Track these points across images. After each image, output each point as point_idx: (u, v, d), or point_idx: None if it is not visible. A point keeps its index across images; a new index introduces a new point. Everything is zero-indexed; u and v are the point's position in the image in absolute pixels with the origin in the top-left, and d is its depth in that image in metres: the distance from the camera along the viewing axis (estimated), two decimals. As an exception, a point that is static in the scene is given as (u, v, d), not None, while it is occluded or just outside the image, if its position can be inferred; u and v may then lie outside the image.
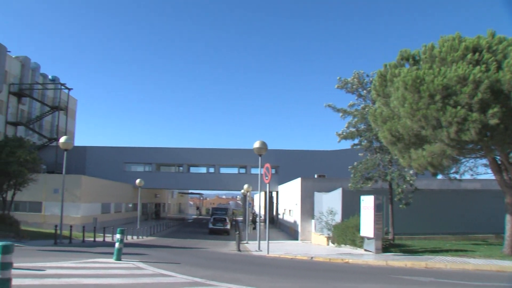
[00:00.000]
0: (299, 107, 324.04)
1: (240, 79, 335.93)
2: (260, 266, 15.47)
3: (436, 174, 18.63)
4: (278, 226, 52.07)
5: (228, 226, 44.73)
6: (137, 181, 39.79)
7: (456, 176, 20.18)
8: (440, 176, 20.67)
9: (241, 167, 56.28)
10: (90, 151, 55.87)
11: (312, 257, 19.12)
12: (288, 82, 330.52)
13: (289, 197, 42.59)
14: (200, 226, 55.66)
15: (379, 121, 18.17)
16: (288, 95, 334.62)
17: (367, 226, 20.31)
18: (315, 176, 37.77)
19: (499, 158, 17.24)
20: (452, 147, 15.26)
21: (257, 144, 23.32)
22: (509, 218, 16.97)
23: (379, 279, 12.20)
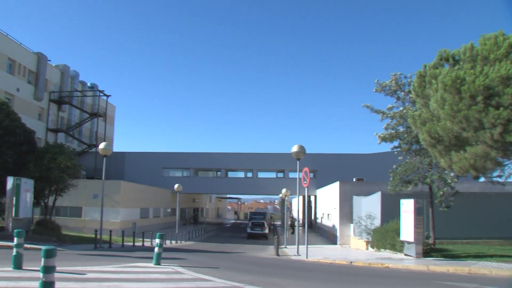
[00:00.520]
0: (337, 111, 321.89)
1: (278, 83, 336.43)
2: (299, 271, 15.39)
3: (478, 177, 18.13)
4: (317, 231, 51.70)
5: (267, 231, 44.61)
6: (176, 186, 40.09)
7: (500, 179, 19.57)
8: (482, 179, 20.11)
9: (279, 172, 56.15)
10: (129, 157, 56.84)
11: (352, 262, 18.91)
12: (326, 85, 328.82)
13: (328, 201, 42.25)
14: (238, 231, 55.80)
15: (418, 123, 17.81)
16: (326, 99, 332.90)
17: (407, 230, 19.95)
18: (354, 180, 37.35)
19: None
20: (496, 149, 14.80)
21: (295, 148, 23.24)
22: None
23: (421, 285, 11.96)
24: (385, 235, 23.16)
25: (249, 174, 56.43)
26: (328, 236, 40.27)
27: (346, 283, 11.86)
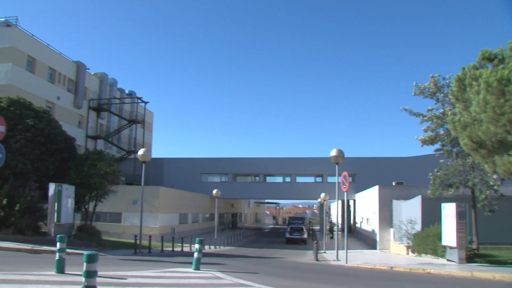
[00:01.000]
0: (375, 114, 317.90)
1: (316, 87, 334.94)
2: (339, 276, 15.33)
3: (524, 180, 17.62)
4: (356, 235, 51.16)
5: (305, 236, 44.45)
6: (214, 192, 40.32)
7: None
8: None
9: (318, 176, 55.87)
10: (167, 163, 57.59)
11: (392, 267, 18.69)
12: (365, 89, 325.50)
13: (367, 205, 41.81)
14: (277, 236, 55.74)
15: (459, 128, 17.44)
16: (364, 102, 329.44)
17: (449, 235, 19.57)
18: (393, 184, 36.86)
19: None
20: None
21: (334, 152, 23.11)
22: None
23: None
24: (426, 240, 22.77)
25: (288, 179, 56.34)
26: (368, 241, 39.82)
27: (387, 289, 11.77)
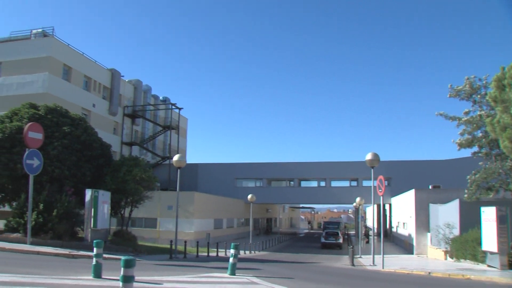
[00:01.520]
0: (411, 117, 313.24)
1: (351, 92, 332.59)
2: (376, 281, 15.15)
3: None
4: (392, 240, 50.42)
5: (341, 240, 44.15)
6: (249, 197, 40.33)
7: None
8: None
9: (353, 180, 55.29)
10: (202, 168, 58.03)
11: (430, 272, 18.34)
12: (399, 92, 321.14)
13: (403, 210, 41.18)
14: (312, 241, 55.46)
15: (498, 130, 17.04)
16: (399, 105, 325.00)
17: (490, 240, 19.06)
18: (430, 187, 36.21)
19: None
20: None
21: (369, 156, 22.86)
22: None
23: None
24: (465, 245, 22.25)
25: (322, 183, 55.97)
26: (404, 246, 39.20)
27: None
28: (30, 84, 37.85)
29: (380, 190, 22.47)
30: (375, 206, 63.61)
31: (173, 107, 56.68)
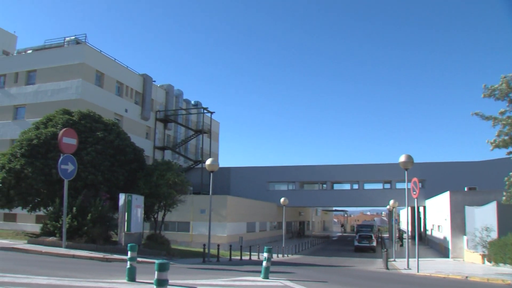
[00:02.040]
0: (444, 118, 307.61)
1: (383, 94, 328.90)
2: (411, 285, 14.99)
3: None
4: (426, 243, 49.60)
5: (374, 244, 43.70)
6: (282, 200, 40.24)
7: None
8: None
9: (386, 182, 54.60)
10: (234, 172, 58.20)
11: (467, 277, 18.00)
12: (432, 94, 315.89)
13: (437, 212, 40.50)
14: (345, 244, 55.02)
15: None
16: (432, 106, 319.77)
17: (530, 243, 18.60)
18: (465, 189, 35.51)
19: None
20: None
21: (403, 158, 22.57)
22: None
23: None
24: (504, 249, 21.70)
25: (355, 186, 55.44)
26: (439, 249, 38.53)
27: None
28: (64, 91, 38.85)
29: (415, 193, 22.16)
30: (409, 209, 62.65)
31: (205, 111, 57.11)
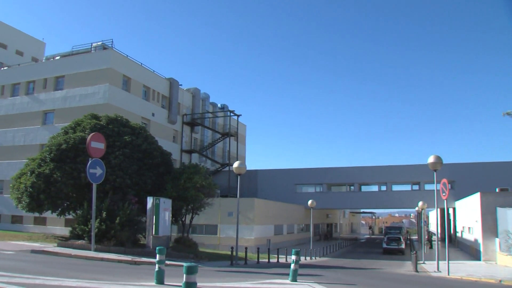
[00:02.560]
0: (474, 118, 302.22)
1: (412, 96, 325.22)
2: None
3: None
4: (456, 245, 48.73)
5: (403, 246, 43.20)
6: (309, 202, 40.00)
7: None
8: None
9: (414, 184, 53.84)
10: (261, 174, 58.16)
11: (501, 280, 17.68)
12: (461, 95, 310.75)
13: (468, 214, 39.77)
14: (374, 246, 54.55)
15: None
16: (461, 107, 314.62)
17: None
18: (496, 190, 34.81)
19: None
20: None
21: (432, 159, 22.34)
22: None
23: None
24: (538, 251, 21.29)
25: (383, 188, 54.77)
26: (470, 251, 37.82)
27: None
28: (92, 96, 39.47)
29: (444, 194, 21.88)
30: (438, 210, 61.70)
31: (232, 114, 57.20)
